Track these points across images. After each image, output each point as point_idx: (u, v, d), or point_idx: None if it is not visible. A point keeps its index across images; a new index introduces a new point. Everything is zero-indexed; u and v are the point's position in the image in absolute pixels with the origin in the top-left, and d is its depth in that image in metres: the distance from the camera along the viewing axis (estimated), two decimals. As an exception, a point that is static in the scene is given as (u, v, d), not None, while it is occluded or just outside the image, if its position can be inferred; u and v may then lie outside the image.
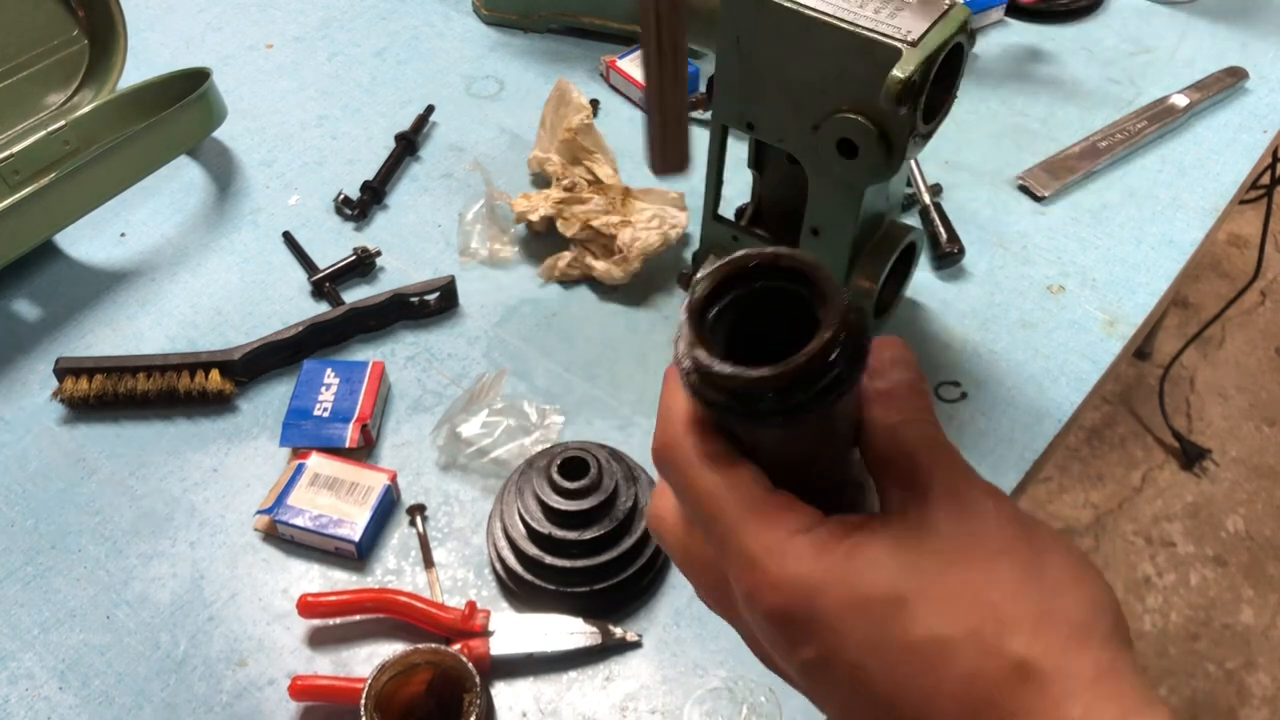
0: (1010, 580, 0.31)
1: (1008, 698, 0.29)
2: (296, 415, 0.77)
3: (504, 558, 0.69)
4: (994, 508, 0.33)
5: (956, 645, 0.30)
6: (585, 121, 0.90)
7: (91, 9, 0.96)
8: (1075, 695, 0.29)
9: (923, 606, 0.30)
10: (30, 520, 0.74)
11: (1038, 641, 0.30)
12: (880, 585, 0.31)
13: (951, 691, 0.30)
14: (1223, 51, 1.12)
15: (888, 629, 0.30)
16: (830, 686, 0.32)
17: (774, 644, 0.33)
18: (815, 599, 0.31)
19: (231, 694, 0.66)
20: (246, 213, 0.96)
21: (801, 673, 0.33)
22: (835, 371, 0.31)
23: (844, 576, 0.31)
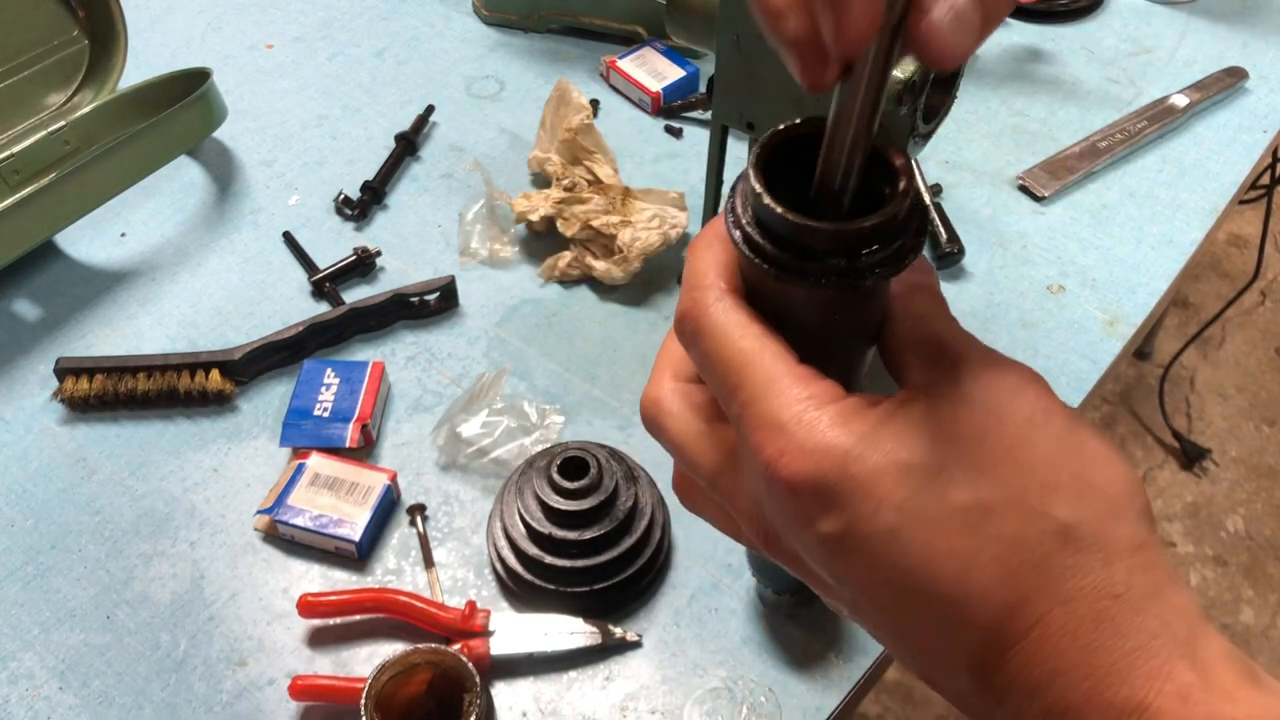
0: (1048, 449, 0.30)
1: (1051, 561, 0.29)
2: (297, 415, 0.77)
3: (504, 557, 0.69)
4: (1026, 380, 0.32)
5: (998, 509, 0.29)
6: (585, 121, 0.90)
7: (92, 9, 0.96)
8: (1116, 563, 0.29)
9: (961, 472, 0.30)
10: (30, 520, 0.74)
11: (1081, 509, 0.29)
12: (917, 451, 0.30)
13: (994, 554, 0.29)
14: (1223, 51, 1.12)
15: (925, 494, 0.30)
16: (853, 559, 0.31)
17: (791, 517, 0.32)
18: (848, 465, 0.30)
19: (232, 694, 0.66)
20: (247, 213, 0.96)
21: (821, 546, 0.31)
22: (906, 238, 0.31)
23: (878, 443, 0.30)
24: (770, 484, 0.31)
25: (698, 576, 0.71)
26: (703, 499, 0.38)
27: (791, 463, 0.31)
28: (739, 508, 0.35)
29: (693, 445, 0.36)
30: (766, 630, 0.68)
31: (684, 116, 1.05)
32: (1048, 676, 0.29)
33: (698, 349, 0.34)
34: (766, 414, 0.31)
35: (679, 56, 1.07)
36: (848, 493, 0.30)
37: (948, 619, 0.30)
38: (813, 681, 0.66)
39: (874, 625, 0.33)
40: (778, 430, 0.31)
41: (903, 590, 0.30)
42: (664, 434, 0.37)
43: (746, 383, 0.32)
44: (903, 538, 0.30)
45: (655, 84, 1.04)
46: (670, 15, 0.76)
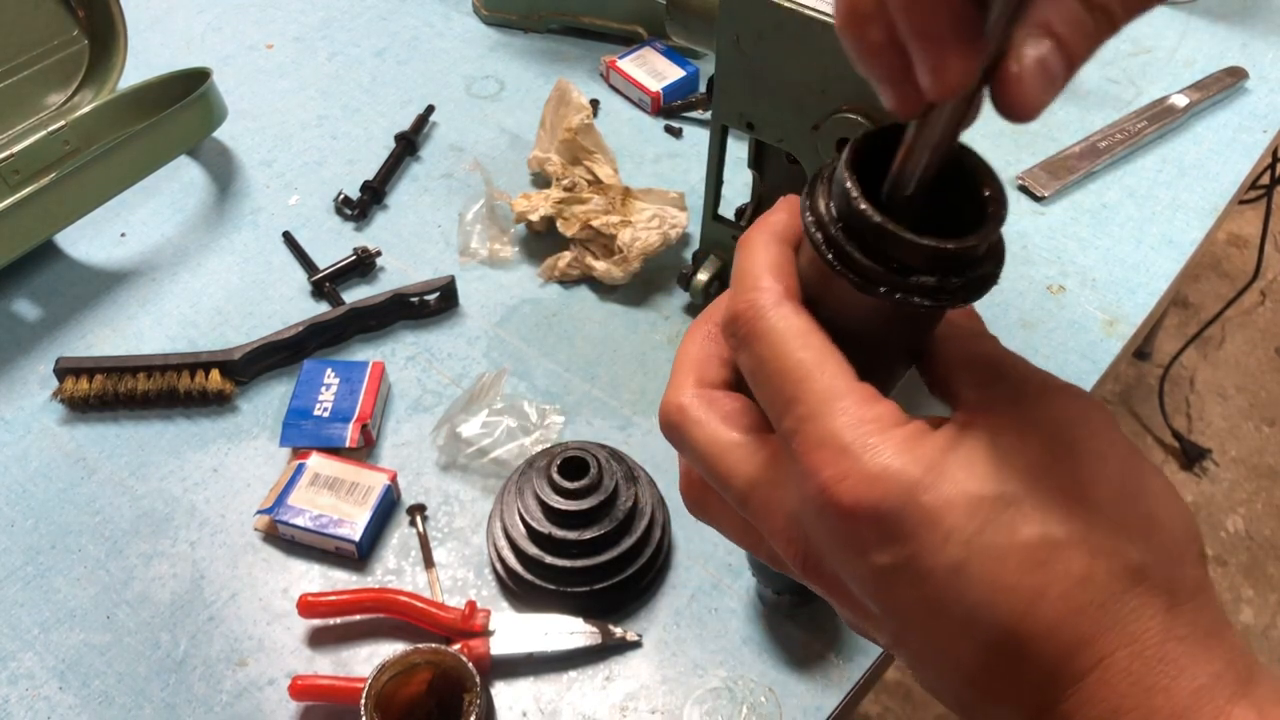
0: (1115, 486, 0.30)
1: (1118, 601, 0.28)
2: (296, 415, 0.77)
3: (504, 557, 0.69)
4: (1091, 408, 0.31)
5: (1067, 546, 0.29)
6: (585, 121, 0.90)
7: (92, 9, 0.96)
8: (1180, 605, 0.29)
9: (1030, 507, 0.29)
10: (30, 520, 0.74)
11: (1147, 550, 0.29)
12: (986, 483, 0.29)
13: (1061, 591, 0.28)
14: (1223, 51, 1.12)
15: (993, 528, 0.29)
16: (910, 592, 0.30)
17: (844, 543, 0.30)
18: (916, 494, 0.29)
19: (232, 694, 0.66)
20: (246, 213, 0.96)
21: (875, 577, 0.30)
22: (995, 263, 0.31)
23: (946, 473, 0.29)
24: (824, 508, 0.30)
25: (698, 576, 0.71)
26: (718, 508, 0.36)
27: (854, 488, 0.29)
28: (772, 525, 0.33)
29: (724, 457, 0.34)
30: (766, 630, 0.68)
31: (684, 116, 1.05)
32: (1107, 716, 0.28)
33: (751, 355, 0.32)
34: (826, 433, 0.30)
35: (679, 56, 1.07)
36: (914, 524, 0.29)
37: (1008, 656, 0.29)
38: (813, 681, 0.66)
39: (917, 658, 0.32)
40: (839, 452, 0.30)
41: (962, 625, 0.29)
42: (689, 443, 0.35)
43: (805, 397, 0.31)
44: (968, 573, 0.29)
45: (655, 84, 1.04)
46: (670, 15, 0.76)
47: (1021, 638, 0.29)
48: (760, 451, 0.33)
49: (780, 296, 0.32)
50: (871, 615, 0.32)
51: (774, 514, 0.33)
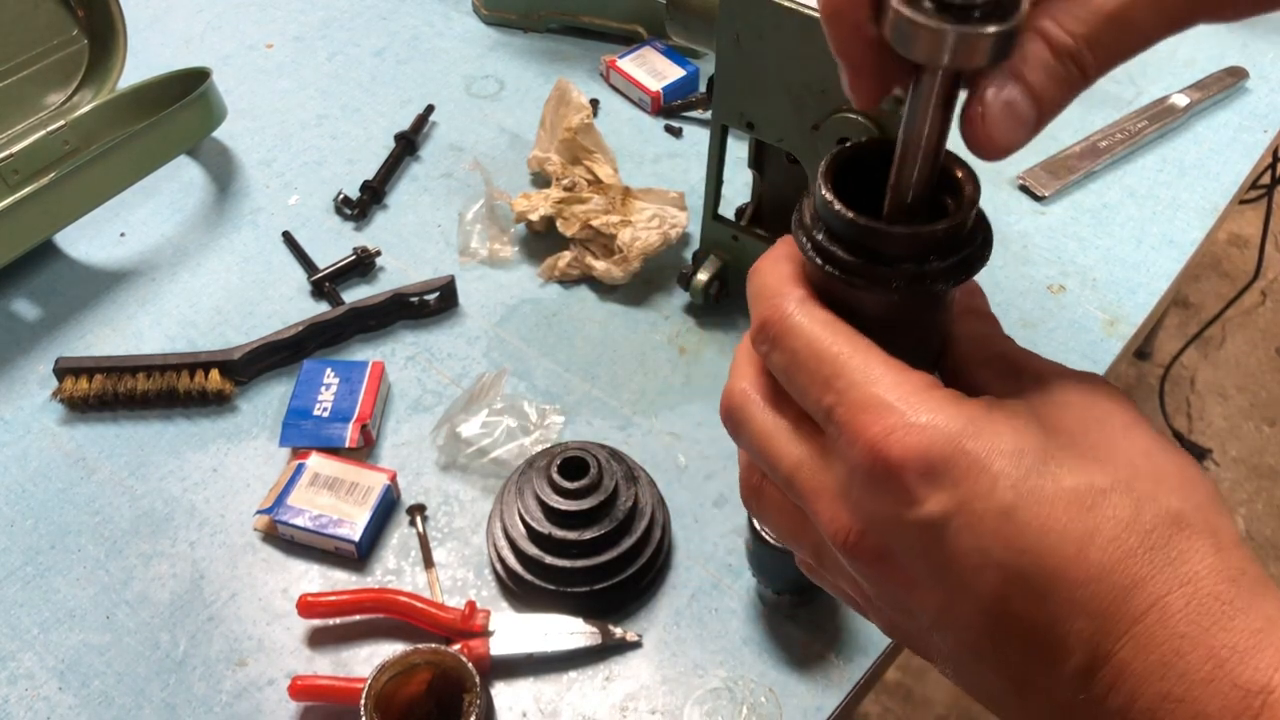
0: (1148, 446, 0.31)
1: (1168, 544, 0.29)
2: (296, 415, 0.77)
3: (504, 558, 0.69)
4: (1115, 393, 0.33)
5: (1111, 493, 0.29)
6: (585, 121, 0.90)
7: (91, 8, 0.96)
8: (1228, 550, 0.29)
9: (1071, 458, 0.30)
10: (30, 520, 0.74)
11: (1188, 497, 0.30)
12: (1027, 438, 0.30)
13: (1110, 535, 0.29)
14: (1223, 51, 1.12)
15: (1040, 475, 0.29)
16: (959, 541, 0.30)
17: (892, 500, 0.30)
18: (961, 440, 0.30)
19: (231, 694, 0.66)
20: (246, 212, 0.96)
21: (923, 531, 0.30)
22: (973, 248, 0.33)
23: (990, 424, 0.30)
24: (872, 466, 0.30)
25: (698, 576, 0.71)
26: (769, 500, 0.37)
27: (903, 438, 0.30)
28: (818, 504, 0.33)
29: (772, 439, 0.35)
30: (767, 630, 0.68)
31: (684, 116, 1.05)
32: (1167, 658, 0.28)
33: (783, 351, 0.33)
34: (868, 397, 0.31)
35: (679, 56, 1.07)
36: (963, 468, 0.29)
37: (1061, 602, 0.29)
38: (813, 681, 0.66)
39: (966, 625, 0.31)
40: (883, 410, 0.31)
41: (1014, 573, 0.29)
42: (747, 427, 0.36)
43: (844, 371, 0.32)
44: (1018, 517, 0.29)
45: (655, 84, 1.04)
46: (670, 15, 0.76)
47: (1074, 581, 0.29)
48: (806, 436, 0.34)
49: (804, 297, 0.34)
50: (916, 589, 0.32)
51: (819, 494, 0.33)
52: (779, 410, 0.35)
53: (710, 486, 0.75)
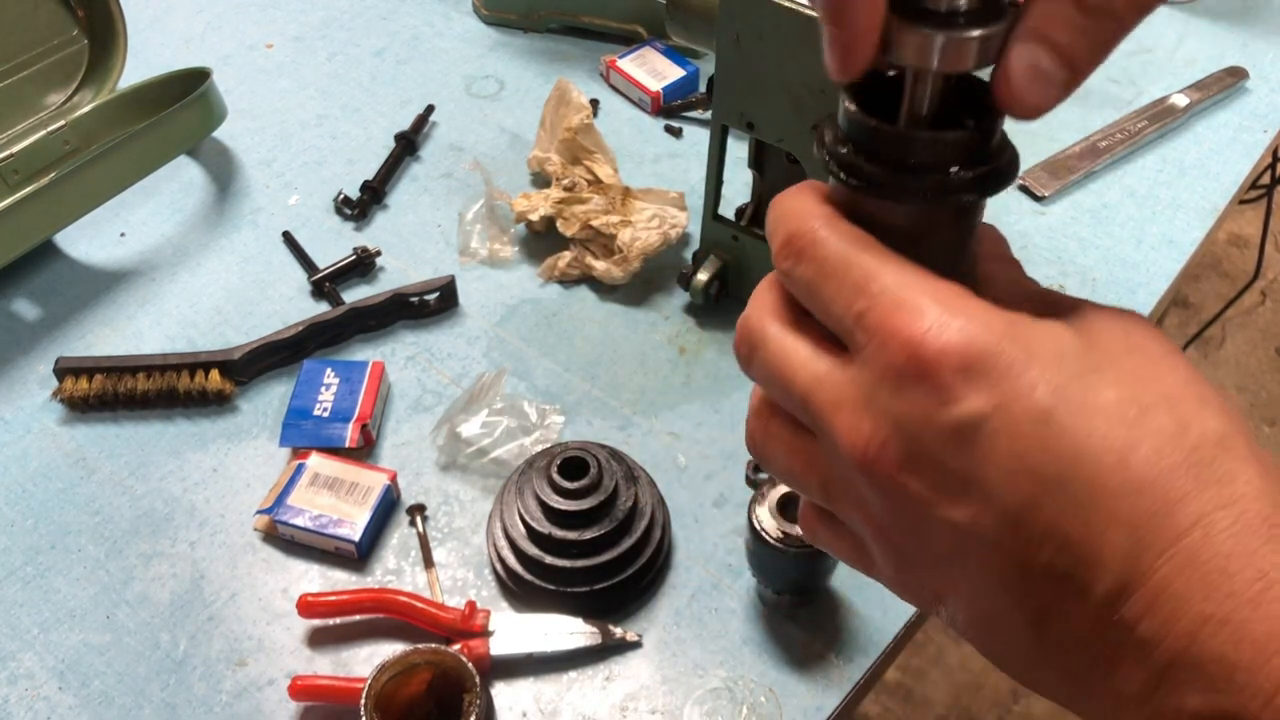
0: (1188, 375, 0.30)
1: (1214, 462, 0.28)
2: (296, 415, 0.77)
3: (504, 558, 0.69)
4: (1151, 326, 0.31)
5: (1155, 409, 0.28)
6: (585, 121, 0.90)
7: (91, 8, 0.96)
8: (1270, 475, 0.28)
9: (1112, 373, 0.29)
10: (30, 520, 0.74)
11: (1230, 422, 0.29)
12: (1069, 347, 0.29)
13: (1153, 448, 0.28)
14: (1223, 51, 1.12)
15: (1081, 383, 0.28)
16: (994, 445, 0.28)
17: (926, 401, 0.29)
18: (1001, 341, 0.28)
19: (231, 694, 0.66)
20: (246, 212, 0.96)
21: (956, 434, 0.29)
22: (999, 163, 0.32)
23: (1030, 330, 0.29)
24: (905, 365, 0.29)
25: (698, 576, 0.71)
26: (776, 437, 0.35)
27: (939, 335, 0.28)
28: (836, 418, 0.31)
29: (793, 355, 0.33)
30: (766, 630, 0.68)
31: (684, 116, 1.05)
32: (1211, 577, 0.27)
33: (810, 261, 0.32)
34: (905, 299, 0.29)
35: (679, 56, 1.07)
36: (1002, 368, 0.28)
37: (1098, 513, 0.28)
38: (813, 682, 0.66)
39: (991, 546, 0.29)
40: (920, 311, 0.29)
41: (1050, 481, 0.28)
42: (761, 349, 0.34)
43: (877, 276, 0.30)
44: (1057, 421, 0.28)
45: (655, 84, 1.04)
46: (670, 15, 0.76)
47: (1113, 492, 0.27)
48: (827, 353, 0.33)
49: (831, 214, 0.32)
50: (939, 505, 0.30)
51: (839, 406, 0.31)
52: (799, 332, 0.34)
53: (710, 486, 0.75)
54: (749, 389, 0.88)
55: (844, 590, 0.70)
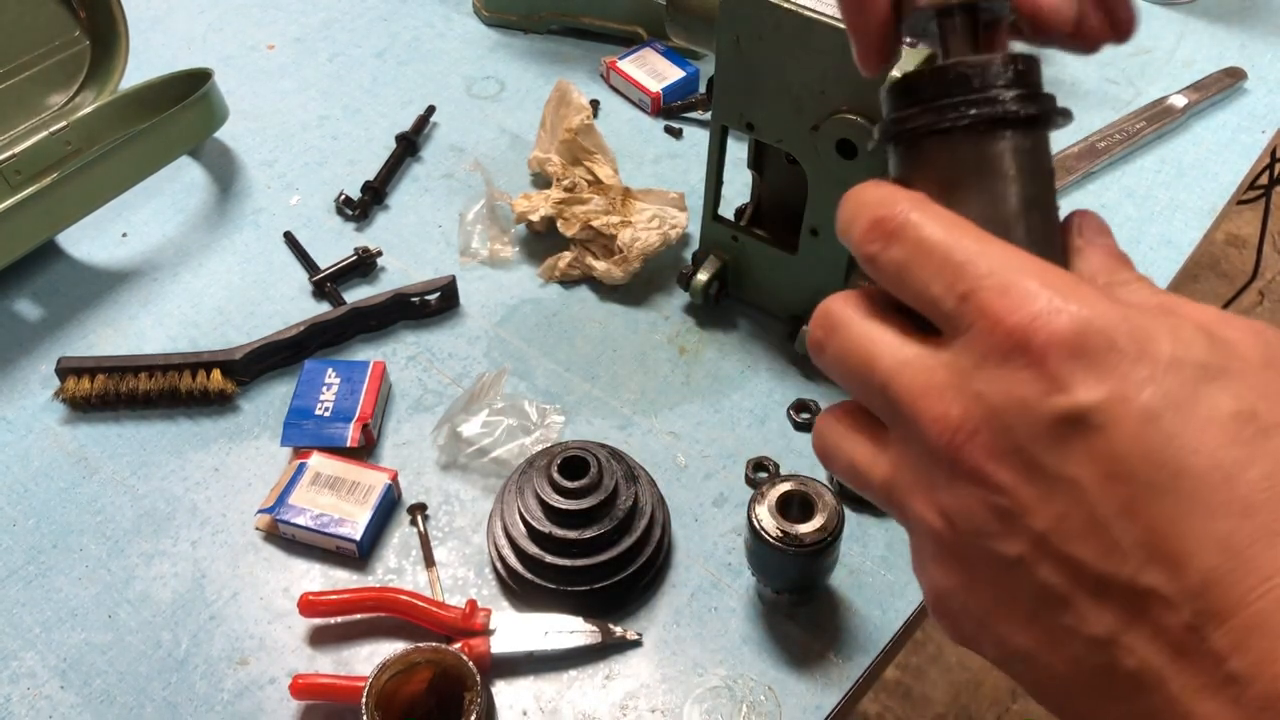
0: None
1: None
2: (298, 415, 0.77)
3: (504, 557, 0.70)
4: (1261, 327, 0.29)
5: (1276, 432, 0.26)
6: (585, 122, 0.90)
7: (93, 9, 0.96)
8: None
9: (1238, 384, 0.26)
10: (32, 519, 0.74)
11: None
12: (1191, 349, 0.27)
13: (1266, 471, 0.25)
14: (1221, 52, 1.12)
15: (1196, 389, 0.26)
16: (1094, 442, 0.26)
17: (1030, 388, 0.27)
18: (1115, 333, 0.26)
19: (233, 693, 0.66)
20: (248, 213, 0.96)
21: (1055, 426, 0.27)
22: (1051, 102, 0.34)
23: (1148, 326, 0.27)
24: (1011, 350, 0.27)
25: (698, 575, 0.71)
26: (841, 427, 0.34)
27: (1050, 321, 0.27)
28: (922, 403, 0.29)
29: (877, 340, 0.31)
30: (766, 629, 0.68)
31: (684, 117, 1.05)
32: None
33: (903, 243, 0.30)
34: (1013, 282, 0.28)
35: (679, 57, 1.07)
36: (1113, 360, 0.26)
37: (1195, 532, 0.25)
38: (812, 680, 0.66)
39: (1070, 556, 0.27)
40: (1030, 295, 0.27)
41: (1149, 489, 0.26)
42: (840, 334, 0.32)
43: (980, 258, 0.29)
44: (1163, 426, 0.26)
45: (655, 84, 1.05)
46: (670, 16, 0.76)
47: (1214, 511, 0.25)
48: (914, 338, 0.31)
49: (920, 197, 0.31)
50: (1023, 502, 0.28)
51: (925, 391, 0.29)
52: (883, 319, 0.32)
53: (710, 486, 0.76)
54: (748, 389, 0.89)
55: (843, 589, 0.70)
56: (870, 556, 0.72)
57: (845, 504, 0.65)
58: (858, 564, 0.71)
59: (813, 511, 0.63)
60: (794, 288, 0.81)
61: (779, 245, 0.80)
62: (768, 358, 0.83)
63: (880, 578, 0.71)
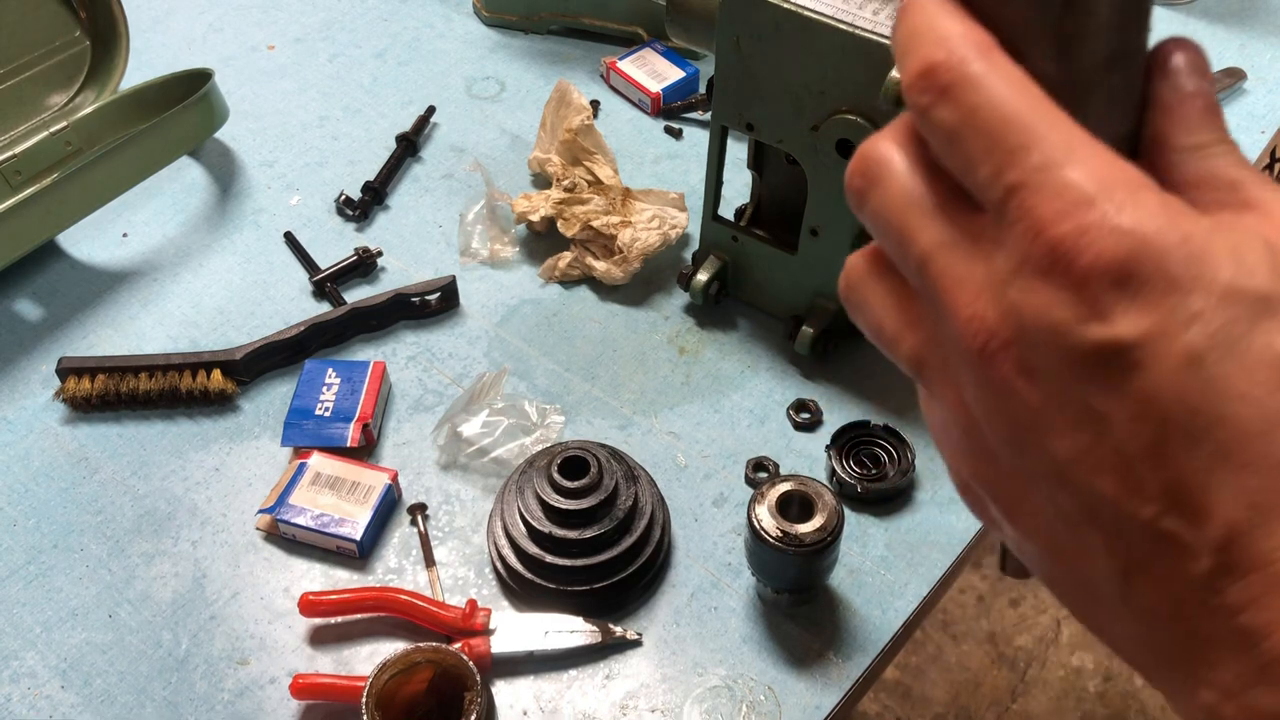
0: None
1: None
2: (298, 415, 0.77)
3: (504, 556, 0.70)
4: None
5: None
6: (585, 122, 0.90)
7: (93, 10, 0.96)
8: None
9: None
10: (32, 519, 0.74)
11: None
12: (1252, 277, 0.24)
13: None
14: (1221, 52, 1.12)
15: (1250, 328, 0.24)
16: (1127, 380, 0.24)
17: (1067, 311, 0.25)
18: (1169, 259, 0.24)
19: (233, 692, 0.66)
20: (248, 213, 0.96)
21: (1092, 352, 0.24)
22: None
23: (1205, 251, 0.24)
24: (1052, 265, 0.25)
25: (698, 575, 0.71)
26: (875, 282, 0.31)
27: (1098, 240, 0.24)
28: (956, 296, 0.27)
29: (916, 208, 0.28)
30: (766, 629, 0.68)
31: (684, 117, 1.05)
32: None
33: (957, 105, 0.26)
34: (1068, 182, 0.25)
35: (679, 57, 1.07)
36: (1162, 291, 0.24)
37: (1223, 483, 0.24)
38: (812, 680, 0.66)
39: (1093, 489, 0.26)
40: (1082, 203, 0.24)
41: (1180, 434, 0.24)
42: (880, 188, 0.29)
43: (1037, 143, 0.25)
44: (1205, 369, 0.24)
45: (655, 85, 1.05)
46: (670, 16, 0.76)
47: (1247, 465, 0.24)
48: (956, 215, 0.28)
49: (987, 43, 0.26)
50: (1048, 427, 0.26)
51: (961, 284, 0.27)
52: (929, 177, 0.28)
53: (710, 486, 0.76)
54: (748, 389, 0.89)
55: (843, 589, 0.70)
56: (870, 556, 0.72)
57: (845, 504, 0.65)
58: (857, 564, 0.71)
59: (812, 511, 0.64)
60: (794, 288, 0.81)
61: (779, 245, 0.80)
62: (768, 358, 0.83)
63: (880, 578, 0.71)
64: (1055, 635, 1.69)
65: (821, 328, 0.80)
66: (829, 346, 0.81)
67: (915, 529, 0.73)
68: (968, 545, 0.73)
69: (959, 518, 0.74)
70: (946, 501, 0.75)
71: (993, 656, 1.67)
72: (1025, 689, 1.63)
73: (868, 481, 0.73)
